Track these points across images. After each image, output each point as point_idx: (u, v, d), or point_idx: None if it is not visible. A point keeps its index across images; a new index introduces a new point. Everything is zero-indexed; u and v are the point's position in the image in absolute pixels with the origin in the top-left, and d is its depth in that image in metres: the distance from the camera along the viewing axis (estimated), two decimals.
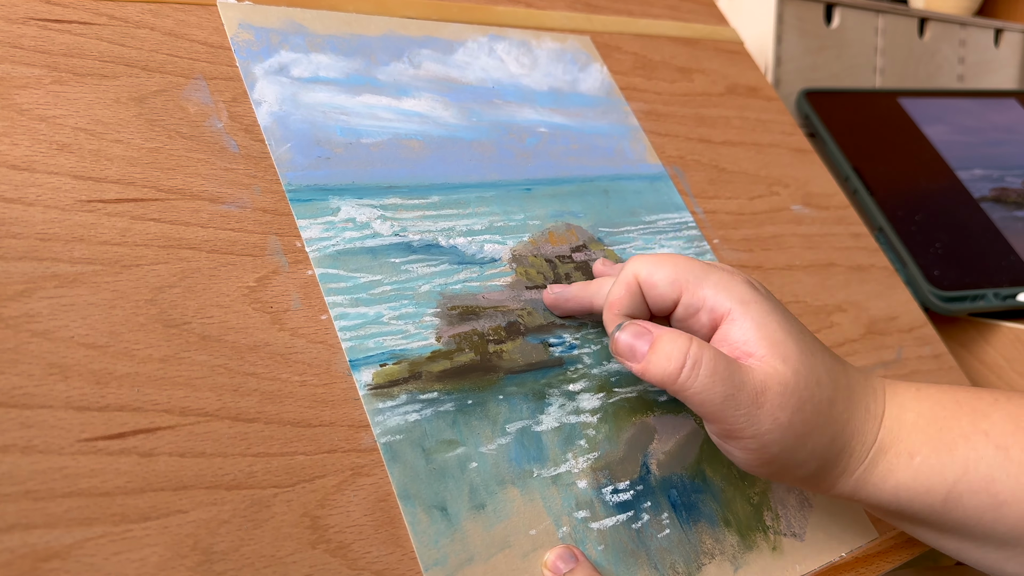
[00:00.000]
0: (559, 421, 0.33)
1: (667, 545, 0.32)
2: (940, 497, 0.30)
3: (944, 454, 0.30)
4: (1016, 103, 0.74)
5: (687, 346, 0.29)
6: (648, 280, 0.32)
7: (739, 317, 0.30)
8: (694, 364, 0.29)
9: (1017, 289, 0.55)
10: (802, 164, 0.52)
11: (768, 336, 0.30)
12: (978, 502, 0.29)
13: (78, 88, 0.30)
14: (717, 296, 0.31)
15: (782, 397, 0.29)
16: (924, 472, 0.30)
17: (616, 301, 0.32)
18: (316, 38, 0.37)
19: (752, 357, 0.30)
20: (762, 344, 0.30)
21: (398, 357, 0.31)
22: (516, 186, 0.38)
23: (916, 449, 0.30)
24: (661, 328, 0.30)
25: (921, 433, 0.30)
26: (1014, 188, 0.64)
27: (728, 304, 0.30)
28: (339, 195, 0.33)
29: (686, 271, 0.31)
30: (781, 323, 0.30)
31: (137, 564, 0.23)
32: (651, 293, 0.32)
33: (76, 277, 0.27)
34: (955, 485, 0.29)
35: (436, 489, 0.29)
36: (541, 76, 0.43)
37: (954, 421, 0.30)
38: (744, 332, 0.30)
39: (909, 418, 0.31)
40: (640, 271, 0.32)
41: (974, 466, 0.29)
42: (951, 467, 0.29)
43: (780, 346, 0.30)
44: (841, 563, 0.36)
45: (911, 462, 0.30)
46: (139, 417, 0.25)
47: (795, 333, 0.30)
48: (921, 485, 0.30)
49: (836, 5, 0.71)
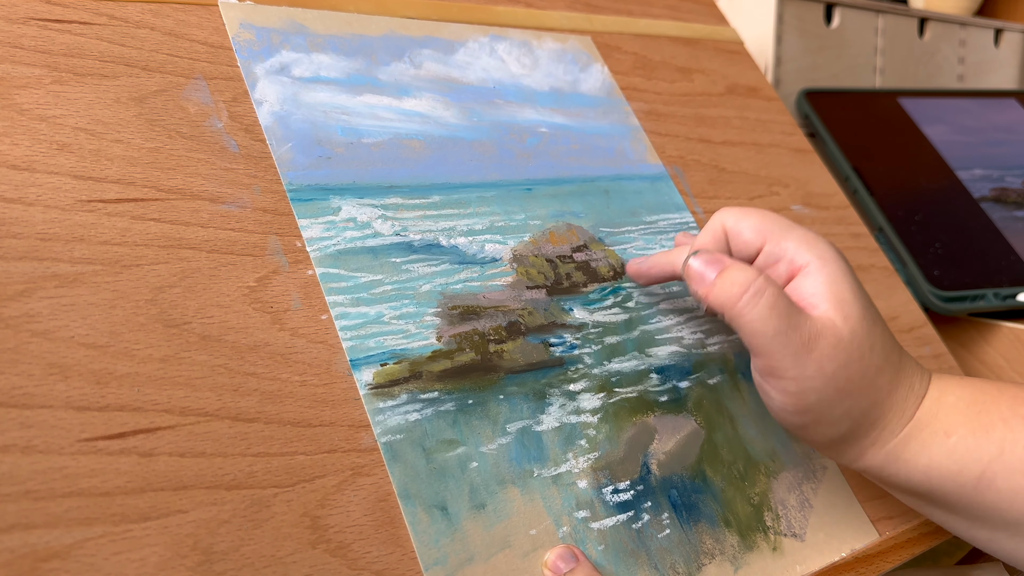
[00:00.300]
0: (559, 421, 0.33)
1: (667, 545, 0.32)
2: (973, 478, 0.29)
3: (981, 435, 0.30)
4: (1016, 103, 0.74)
5: (754, 276, 0.30)
6: (735, 228, 0.33)
7: (815, 271, 0.31)
8: (756, 292, 0.30)
9: (1017, 289, 0.55)
10: (802, 164, 0.52)
11: (836, 293, 0.31)
12: (1012, 484, 0.29)
13: (78, 88, 0.30)
14: (799, 248, 0.32)
15: (834, 349, 0.29)
16: (959, 451, 0.30)
17: (702, 246, 0.34)
18: (317, 38, 0.37)
19: (817, 309, 0.30)
20: (829, 299, 0.30)
21: (399, 357, 0.31)
22: (517, 186, 0.38)
23: (953, 429, 0.30)
24: (733, 260, 0.31)
25: (959, 414, 0.30)
26: (1014, 188, 0.64)
27: (808, 257, 0.31)
28: (340, 195, 0.33)
29: (772, 222, 0.33)
30: (852, 285, 0.31)
31: (137, 564, 0.23)
32: (736, 240, 0.33)
33: (76, 277, 0.26)
34: (989, 466, 0.29)
35: (436, 489, 0.29)
36: (542, 76, 0.43)
37: (993, 405, 0.30)
38: (816, 285, 0.31)
39: (949, 400, 0.31)
40: (727, 219, 0.33)
41: (1010, 448, 0.29)
42: (987, 448, 0.29)
43: (845, 305, 0.30)
44: (841, 563, 0.36)
45: (946, 440, 0.30)
46: (139, 417, 0.25)
47: (863, 299, 0.31)
48: (955, 464, 0.30)
49: (836, 5, 0.71)
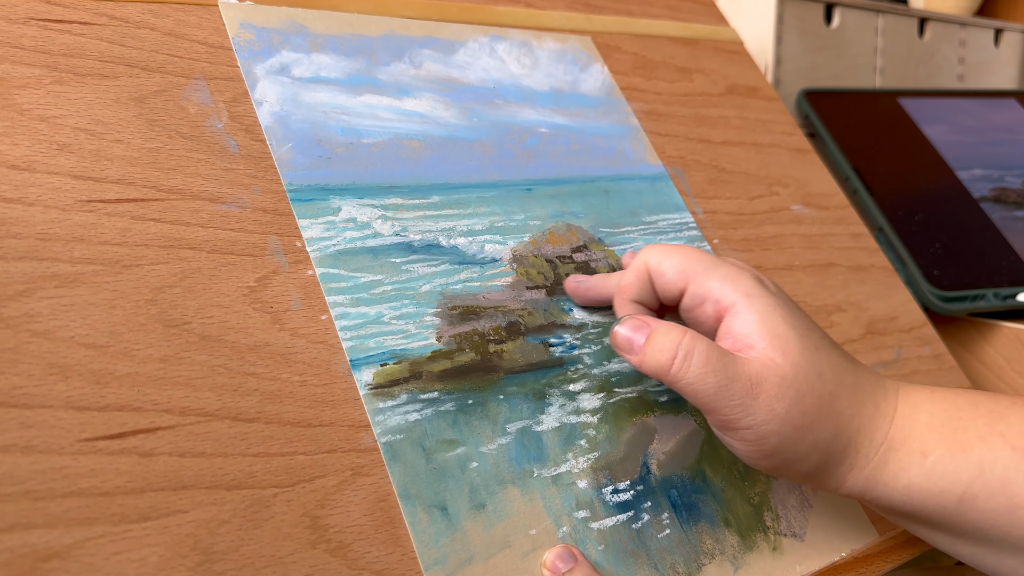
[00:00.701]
0: (559, 421, 0.33)
1: (667, 545, 0.32)
2: (954, 498, 0.29)
3: (959, 454, 0.29)
4: (1016, 103, 0.74)
5: (680, 338, 0.30)
6: (657, 268, 0.33)
7: (743, 310, 0.30)
8: (686, 355, 0.29)
9: (1017, 289, 0.55)
10: (802, 164, 0.52)
11: (770, 329, 0.30)
12: (994, 504, 0.29)
13: (78, 88, 0.30)
14: (723, 288, 0.31)
15: (779, 388, 0.29)
16: (938, 472, 0.29)
17: (626, 287, 0.34)
18: (317, 38, 0.37)
19: (753, 349, 0.30)
20: (763, 337, 0.30)
21: (399, 357, 0.31)
22: (517, 186, 0.38)
23: (930, 448, 0.30)
24: (658, 321, 0.31)
25: (935, 432, 0.30)
26: (1014, 188, 0.64)
27: (733, 297, 0.31)
28: (340, 195, 0.33)
29: (695, 262, 0.32)
30: (785, 317, 0.30)
31: (137, 564, 0.23)
32: (659, 281, 0.33)
33: (76, 277, 0.27)
34: (970, 486, 0.29)
35: (436, 489, 0.29)
36: (542, 76, 0.43)
37: (970, 422, 0.30)
38: (746, 325, 0.30)
39: (923, 418, 0.30)
40: (650, 259, 0.33)
41: (990, 467, 0.29)
42: (966, 468, 0.29)
43: (780, 339, 0.30)
44: (841, 563, 0.36)
45: (924, 461, 0.30)
46: (139, 417, 0.25)
47: (799, 327, 0.30)
48: (935, 485, 0.29)
49: (836, 5, 0.71)
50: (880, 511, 0.33)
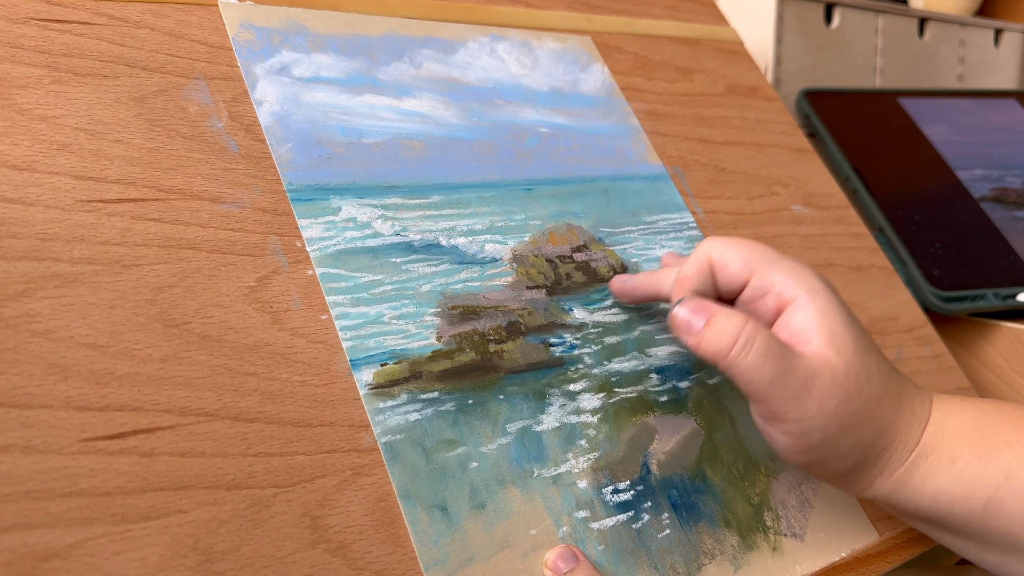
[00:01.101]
0: (559, 421, 0.33)
1: (667, 545, 0.32)
2: (981, 503, 0.29)
3: (987, 460, 0.30)
4: (1016, 103, 0.74)
5: (742, 323, 0.29)
6: (721, 260, 0.32)
7: (804, 305, 0.31)
8: (747, 341, 0.29)
9: (1017, 289, 0.55)
10: (802, 164, 0.52)
11: (828, 327, 0.30)
12: (1020, 509, 0.29)
13: (78, 88, 0.30)
14: (786, 282, 0.31)
15: (831, 386, 0.29)
16: (966, 477, 0.30)
17: (686, 278, 0.33)
18: (317, 38, 0.37)
19: (809, 345, 0.30)
20: (821, 333, 0.30)
21: (399, 357, 0.31)
22: (517, 186, 0.38)
23: (959, 454, 0.30)
24: (719, 306, 0.31)
25: (964, 439, 0.30)
26: (1014, 188, 0.64)
27: (796, 291, 0.31)
28: (340, 195, 0.33)
29: (759, 254, 0.32)
30: (843, 317, 0.31)
31: (137, 564, 0.23)
32: (722, 273, 0.32)
33: (76, 277, 0.26)
34: (996, 491, 0.29)
35: (436, 489, 0.29)
36: (542, 76, 0.43)
37: (998, 428, 0.30)
38: (807, 320, 0.30)
39: (953, 424, 0.31)
40: (714, 251, 0.33)
41: (1017, 473, 0.29)
42: (993, 473, 0.29)
43: (838, 338, 0.30)
44: (841, 563, 0.36)
45: (952, 467, 0.30)
46: (139, 417, 0.25)
47: (855, 329, 0.31)
48: (962, 490, 0.30)
49: (836, 5, 0.71)
50: (905, 517, 0.33)
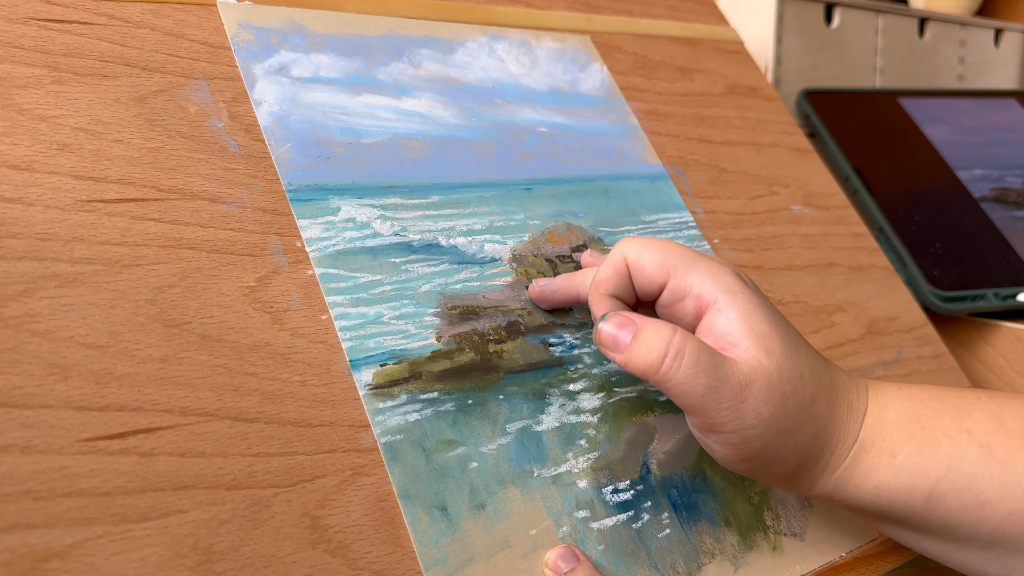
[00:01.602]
0: (559, 421, 0.33)
1: (667, 545, 0.32)
2: (922, 497, 0.29)
3: (927, 453, 0.29)
4: (1016, 103, 0.74)
5: (670, 336, 0.28)
6: (637, 262, 0.31)
7: (725, 307, 0.30)
8: (676, 354, 0.28)
9: (1017, 289, 0.55)
10: (802, 164, 0.52)
11: (753, 328, 0.29)
12: (961, 501, 0.29)
13: (78, 88, 0.30)
14: (704, 284, 0.30)
15: (766, 391, 0.28)
16: (906, 471, 0.29)
17: (603, 280, 0.32)
18: (316, 38, 0.37)
19: (737, 348, 0.29)
20: (747, 336, 0.29)
21: (398, 357, 0.31)
22: (516, 186, 0.38)
23: (898, 448, 0.30)
24: (645, 318, 0.30)
25: (903, 432, 0.30)
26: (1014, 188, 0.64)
27: (715, 293, 0.30)
28: (339, 195, 0.33)
29: (675, 256, 0.31)
30: (767, 316, 0.30)
31: (137, 564, 0.23)
32: (639, 276, 0.31)
33: (76, 277, 0.27)
34: (937, 484, 0.29)
35: (436, 489, 0.29)
36: (541, 76, 0.43)
37: (936, 419, 0.30)
38: (729, 323, 0.29)
39: (891, 416, 0.30)
40: (629, 252, 0.32)
41: (957, 465, 0.29)
42: (934, 466, 0.29)
43: (764, 339, 0.29)
44: (841, 563, 0.36)
45: (893, 461, 0.30)
46: (139, 417, 0.25)
47: (780, 327, 0.30)
48: (903, 484, 0.30)
49: (836, 5, 0.71)
50: (847, 511, 0.33)
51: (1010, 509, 0.28)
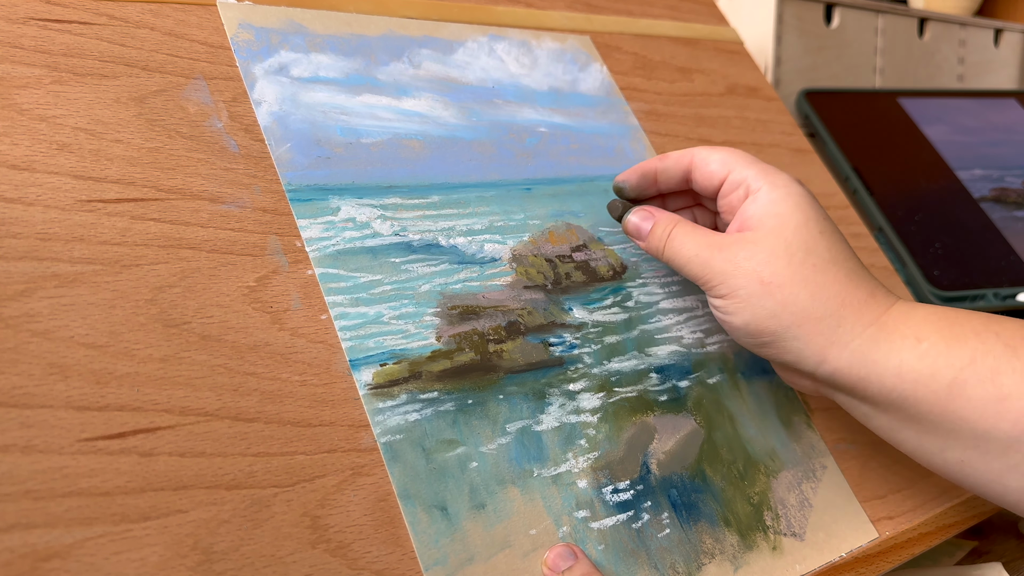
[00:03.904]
0: (559, 421, 0.33)
1: (667, 545, 0.32)
2: (945, 383, 0.30)
3: (953, 343, 0.30)
4: (1016, 103, 0.74)
5: (671, 223, 0.35)
6: (703, 160, 0.36)
7: (762, 196, 0.34)
8: (673, 236, 0.35)
9: (1017, 289, 0.55)
10: (802, 164, 0.52)
11: (771, 211, 0.33)
12: (982, 392, 0.29)
13: (78, 88, 0.30)
14: (756, 176, 0.34)
15: (748, 250, 0.32)
16: (931, 356, 0.30)
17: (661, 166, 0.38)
18: (316, 38, 0.37)
19: (751, 231, 0.33)
20: (762, 217, 0.33)
21: (398, 357, 0.31)
22: (516, 186, 0.38)
23: (924, 336, 0.31)
24: (659, 213, 0.36)
25: (931, 325, 0.31)
26: (1014, 188, 0.64)
27: (761, 183, 0.34)
28: (339, 195, 0.33)
29: (738, 156, 0.36)
30: (797, 203, 0.33)
31: (137, 564, 0.23)
32: (703, 170, 0.36)
33: (76, 277, 0.27)
34: (960, 372, 0.30)
35: (436, 489, 0.29)
36: (541, 76, 0.44)
37: (966, 319, 0.31)
38: (756, 208, 0.34)
39: (920, 312, 0.32)
40: (698, 153, 0.37)
41: (982, 357, 0.30)
42: (959, 355, 0.30)
43: (776, 218, 0.33)
44: (841, 563, 0.36)
45: (918, 345, 0.31)
46: (139, 417, 0.25)
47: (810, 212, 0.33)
48: (927, 367, 0.30)
49: (836, 5, 0.71)
50: (869, 404, 0.33)
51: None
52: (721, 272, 0.33)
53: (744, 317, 0.32)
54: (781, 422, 0.39)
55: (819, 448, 0.39)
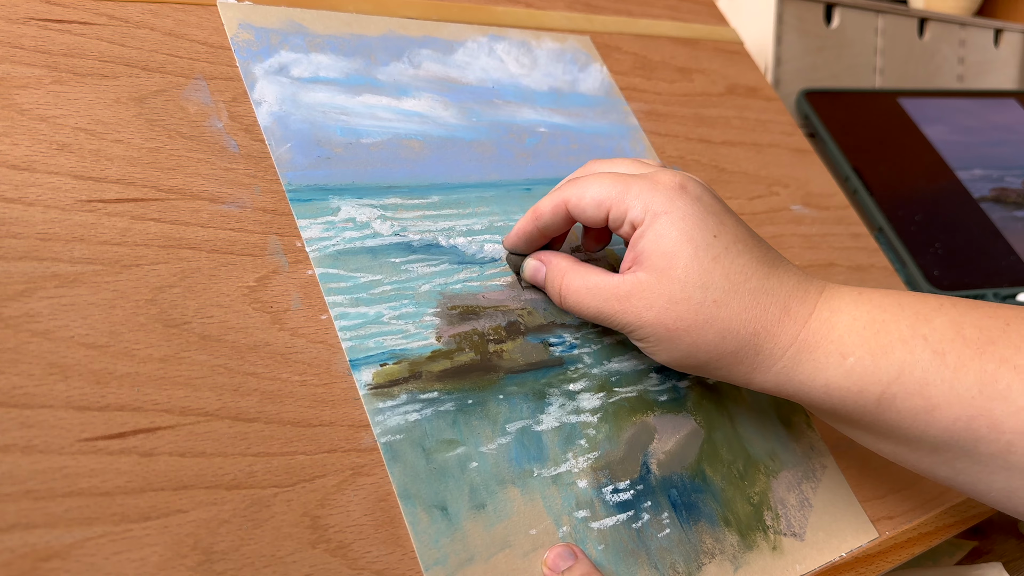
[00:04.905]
0: (559, 421, 0.33)
1: (667, 545, 0.32)
2: (873, 398, 0.30)
3: (879, 356, 0.30)
4: (1016, 103, 0.74)
5: (559, 280, 0.34)
6: (577, 207, 0.33)
7: (647, 228, 0.32)
8: (562, 293, 0.34)
9: (1017, 289, 0.55)
10: (802, 164, 0.52)
11: (659, 248, 0.31)
12: (911, 405, 0.29)
13: (78, 88, 0.30)
14: (635, 207, 0.32)
15: (646, 299, 0.31)
16: (857, 372, 0.30)
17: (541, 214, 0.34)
18: (316, 38, 0.37)
19: (640, 268, 0.32)
20: (651, 255, 0.31)
21: (398, 357, 0.31)
22: (516, 186, 0.38)
23: (849, 350, 0.30)
24: (550, 258, 0.35)
25: (856, 335, 0.30)
26: (1014, 188, 0.64)
27: (642, 215, 0.32)
28: (339, 195, 0.33)
29: (609, 188, 0.33)
30: (685, 231, 0.31)
31: (137, 564, 0.23)
32: (582, 217, 0.34)
33: (76, 277, 0.27)
34: (888, 387, 0.30)
35: (436, 489, 0.29)
36: (541, 76, 0.44)
37: (893, 324, 0.30)
38: (644, 244, 0.32)
39: (843, 320, 0.31)
40: (571, 198, 0.33)
41: (909, 369, 0.29)
42: (886, 369, 0.30)
43: (667, 256, 0.31)
44: (841, 563, 0.36)
45: (843, 362, 0.30)
46: (139, 417, 0.25)
47: (700, 240, 0.31)
48: (854, 385, 0.30)
49: (836, 5, 0.71)
50: (807, 407, 0.34)
51: (958, 415, 0.29)
52: (628, 324, 0.32)
53: (664, 356, 0.32)
54: (781, 422, 0.39)
55: (819, 448, 0.39)
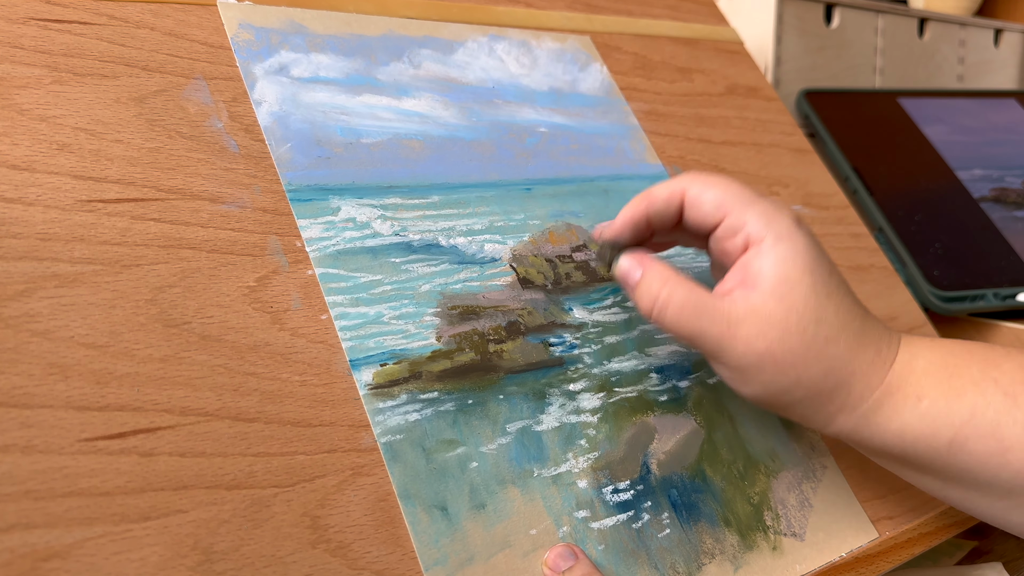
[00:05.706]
0: (559, 421, 0.33)
1: (667, 545, 0.32)
2: (945, 441, 0.30)
3: (952, 399, 0.30)
4: (1016, 103, 0.74)
5: (661, 286, 0.31)
6: (696, 200, 0.33)
7: (767, 250, 0.31)
8: (662, 307, 0.31)
9: (1017, 289, 0.55)
10: (802, 164, 0.52)
11: (781, 273, 0.31)
12: (984, 447, 0.29)
13: (78, 88, 0.30)
14: (758, 224, 0.31)
15: (759, 328, 0.30)
16: (931, 415, 0.30)
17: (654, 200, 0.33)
18: (316, 38, 0.37)
19: (754, 290, 0.31)
20: (771, 279, 0.31)
21: (398, 357, 0.31)
22: (516, 186, 0.38)
23: (924, 392, 0.31)
24: (649, 262, 0.32)
25: (931, 378, 0.31)
26: (1014, 188, 0.64)
27: (764, 233, 0.31)
28: (339, 195, 0.33)
29: (734, 195, 0.32)
30: (806, 263, 0.31)
31: (137, 564, 0.23)
32: (696, 212, 0.33)
33: (76, 277, 0.27)
34: (961, 429, 0.30)
35: (436, 489, 0.29)
36: (541, 76, 0.44)
37: (964, 368, 0.31)
38: (763, 265, 0.31)
39: (920, 364, 0.31)
40: (691, 189, 0.33)
41: (981, 412, 0.30)
42: (958, 411, 0.30)
43: (786, 283, 0.30)
44: (841, 563, 0.36)
45: (918, 404, 0.30)
46: (139, 417, 0.25)
47: (817, 273, 0.31)
48: (927, 427, 0.30)
49: (836, 5, 0.71)
50: (871, 454, 0.34)
51: None
52: (731, 349, 0.30)
53: (754, 389, 0.31)
54: (781, 422, 0.39)
55: (819, 448, 0.39)
